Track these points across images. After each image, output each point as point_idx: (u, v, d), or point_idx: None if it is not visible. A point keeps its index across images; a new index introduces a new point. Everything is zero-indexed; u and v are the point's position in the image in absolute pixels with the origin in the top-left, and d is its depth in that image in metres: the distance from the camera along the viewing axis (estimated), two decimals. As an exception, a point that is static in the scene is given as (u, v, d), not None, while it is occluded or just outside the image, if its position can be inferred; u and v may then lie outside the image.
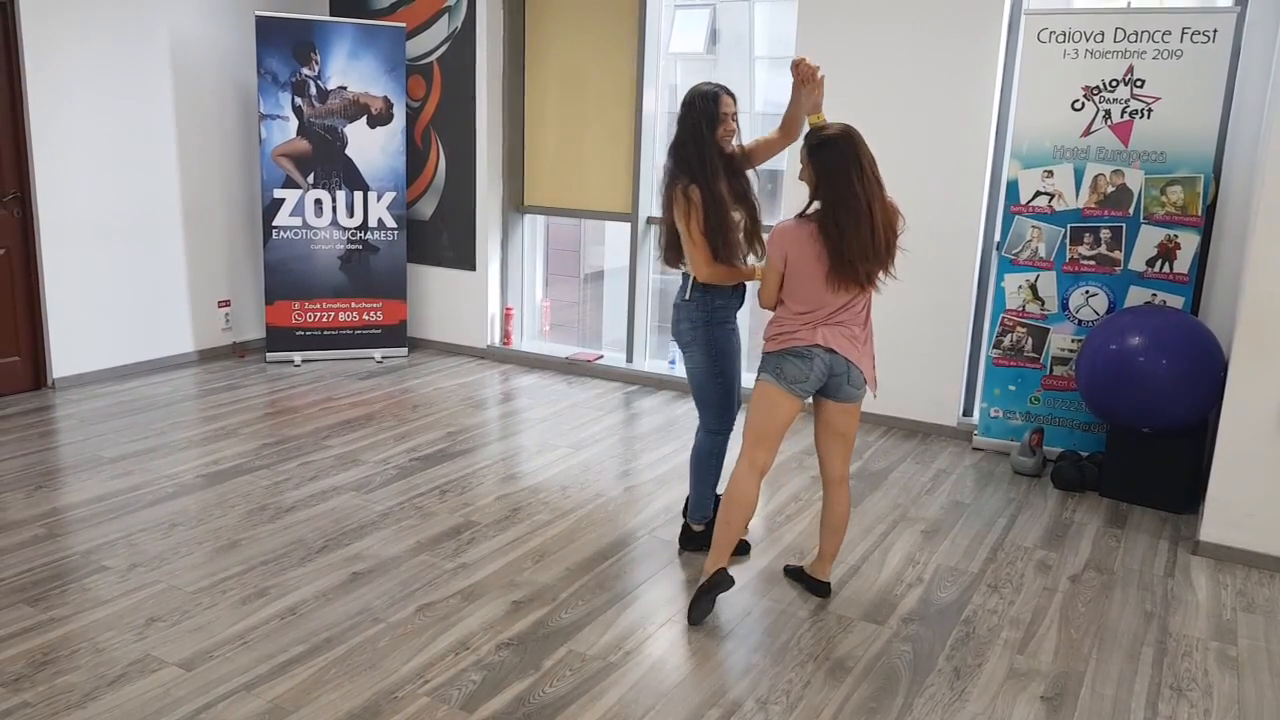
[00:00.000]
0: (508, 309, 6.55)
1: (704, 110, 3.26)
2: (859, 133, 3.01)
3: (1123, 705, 2.79)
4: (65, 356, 5.51)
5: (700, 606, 3.13)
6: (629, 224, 6.10)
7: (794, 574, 3.48)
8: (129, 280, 5.76)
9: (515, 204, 6.48)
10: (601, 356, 6.34)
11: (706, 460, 3.54)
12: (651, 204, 6.06)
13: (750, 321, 5.14)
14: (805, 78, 3.27)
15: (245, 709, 2.62)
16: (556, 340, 6.90)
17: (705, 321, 3.38)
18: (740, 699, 2.75)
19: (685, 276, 3.40)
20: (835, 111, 5.13)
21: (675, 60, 14.17)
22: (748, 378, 3.47)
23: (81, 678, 2.74)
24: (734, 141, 3.38)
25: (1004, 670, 2.94)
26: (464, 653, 2.93)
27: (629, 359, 6.23)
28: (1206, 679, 2.95)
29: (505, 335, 6.55)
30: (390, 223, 6.26)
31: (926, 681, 2.87)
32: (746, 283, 3.42)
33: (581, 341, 6.97)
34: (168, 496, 4.03)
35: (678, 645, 3.03)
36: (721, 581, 3.14)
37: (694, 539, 3.68)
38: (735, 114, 3.33)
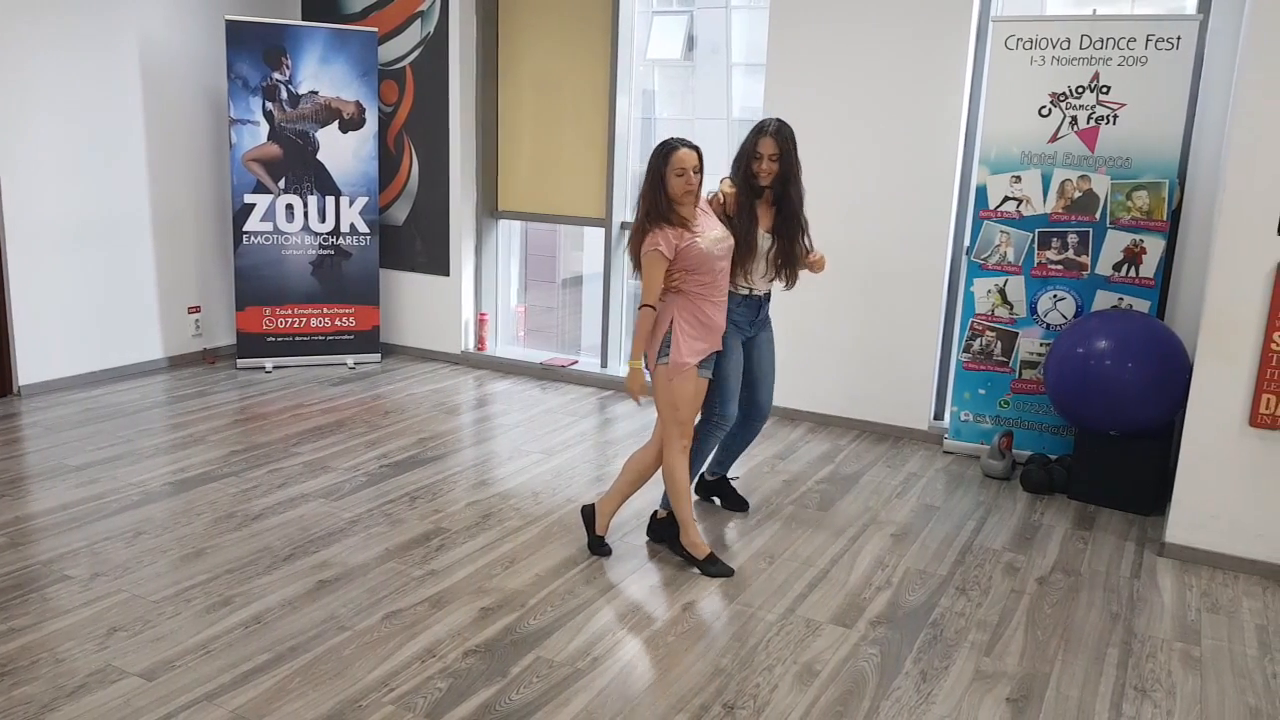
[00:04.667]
0: (482, 314, 6.53)
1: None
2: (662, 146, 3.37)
3: (1087, 706, 2.81)
4: (32, 363, 5.44)
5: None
6: (603, 229, 6.10)
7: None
8: (97, 286, 5.70)
9: (489, 209, 6.47)
10: (576, 362, 6.33)
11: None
12: (625, 209, 6.07)
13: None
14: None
15: (207, 719, 2.60)
16: (537, 346, 6.88)
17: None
18: (707, 703, 2.74)
19: None
20: (807, 116, 5.17)
21: (653, 66, 14.22)
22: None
23: (40, 689, 2.71)
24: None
25: (970, 672, 2.95)
26: (430, 660, 2.91)
27: (603, 364, 6.23)
28: (1170, 679, 2.97)
29: (479, 341, 6.53)
30: (362, 228, 6.23)
31: (893, 684, 2.87)
32: (760, 293, 3.74)
33: (561, 347, 6.95)
34: (133, 505, 3.98)
35: (646, 650, 3.02)
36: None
37: (654, 526, 3.83)
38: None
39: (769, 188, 3.61)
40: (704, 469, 4.20)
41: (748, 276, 3.67)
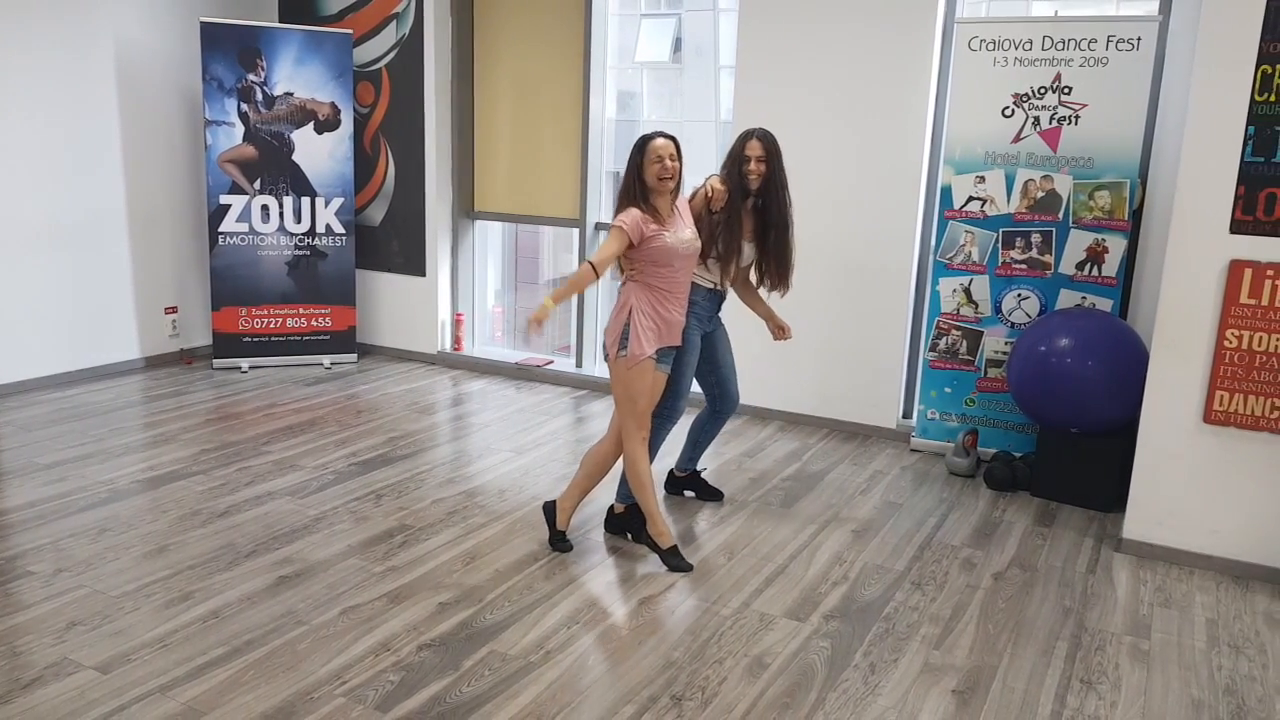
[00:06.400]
0: (458, 315, 6.56)
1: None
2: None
3: (1031, 698, 2.84)
4: (6, 363, 5.46)
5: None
6: (577, 230, 6.13)
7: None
8: (73, 287, 5.73)
9: (465, 210, 6.50)
10: (552, 362, 6.36)
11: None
12: (600, 210, 6.10)
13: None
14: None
15: (159, 711, 2.62)
16: (519, 346, 6.90)
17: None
18: (656, 695, 2.78)
19: None
20: (776, 116, 5.20)
21: (642, 69, 14.25)
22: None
23: (-6, 682, 2.73)
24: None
25: (919, 665, 2.99)
26: (384, 654, 2.94)
27: (578, 364, 6.26)
28: (1117, 672, 3.01)
29: (456, 341, 6.56)
30: (338, 228, 6.26)
31: (842, 677, 2.91)
32: (723, 290, 3.89)
33: (549, 348, 6.98)
34: (100, 502, 4.01)
35: (600, 644, 3.05)
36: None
37: (612, 520, 3.89)
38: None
39: (756, 195, 3.75)
40: (674, 465, 4.30)
41: (720, 275, 3.80)
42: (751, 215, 3.81)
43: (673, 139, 3.46)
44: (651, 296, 3.49)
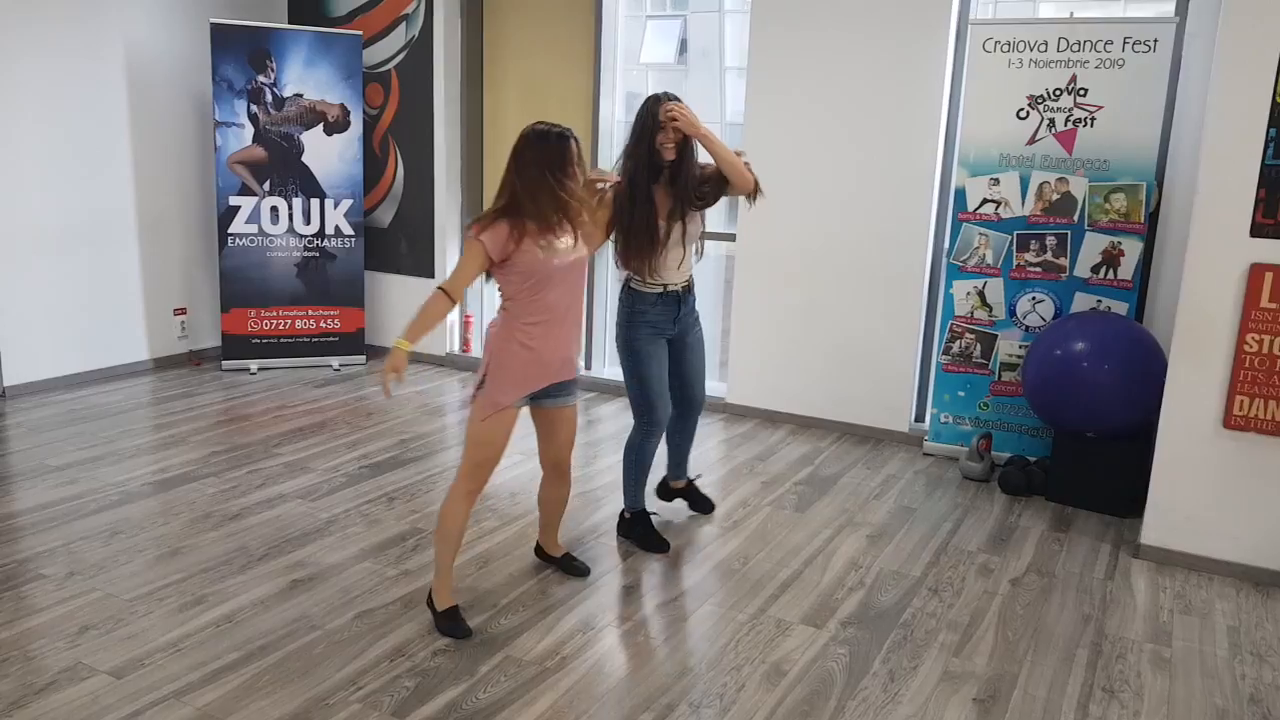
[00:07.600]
0: (467, 316, 6.54)
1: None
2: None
3: (1054, 706, 2.81)
4: (16, 364, 5.44)
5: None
6: (587, 232, 6.11)
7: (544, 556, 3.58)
8: (83, 288, 5.71)
9: (474, 211, 6.48)
10: (561, 364, 6.33)
11: (628, 453, 3.73)
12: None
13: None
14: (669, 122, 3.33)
15: (173, 716, 2.60)
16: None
17: (626, 322, 3.57)
18: (673, 702, 2.75)
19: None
20: (789, 120, 5.18)
21: (647, 70, 14.24)
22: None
23: (9, 686, 2.71)
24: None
25: (939, 673, 2.96)
26: (399, 659, 2.92)
27: (587, 366, 6.23)
28: (1139, 680, 2.98)
29: (464, 343, 6.54)
30: (347, 230, 6.24)
31: (861, 684, 2.88)
32: (676, 287, 3.56)
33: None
34: (112, 505, 3.99)
35: (616, 650, 3.03)
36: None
37: (622, 525, 3.85)
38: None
39: (670, 165, 3.37)
40: (665, 475, 4.09)
41: (655, 272, 3.45)
42: (666, 191, 3.40)
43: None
44: (515, 327, 2.94)
